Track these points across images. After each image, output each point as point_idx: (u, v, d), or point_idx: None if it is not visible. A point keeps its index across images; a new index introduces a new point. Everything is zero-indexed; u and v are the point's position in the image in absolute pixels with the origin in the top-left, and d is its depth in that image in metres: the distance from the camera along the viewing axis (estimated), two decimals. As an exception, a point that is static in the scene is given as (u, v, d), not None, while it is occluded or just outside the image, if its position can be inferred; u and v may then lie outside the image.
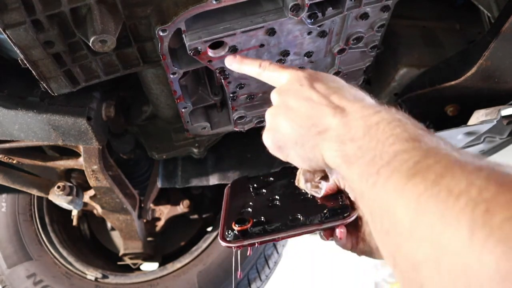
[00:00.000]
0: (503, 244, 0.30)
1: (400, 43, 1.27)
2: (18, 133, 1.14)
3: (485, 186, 0.34)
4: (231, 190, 0.87)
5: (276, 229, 0.69)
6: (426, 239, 0.37)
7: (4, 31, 0.78)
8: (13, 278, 1.74)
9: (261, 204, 0.77)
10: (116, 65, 1.01)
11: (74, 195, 1.43)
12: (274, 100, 0.67)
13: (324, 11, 0.91)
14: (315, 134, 0.59)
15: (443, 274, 0.34)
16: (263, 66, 0.74)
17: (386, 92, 1.35)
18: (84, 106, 1.12)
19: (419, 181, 0.40)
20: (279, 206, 0.76)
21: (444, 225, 0.35)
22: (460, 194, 0.35)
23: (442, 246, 0.35)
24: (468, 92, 1.12)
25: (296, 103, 0.62)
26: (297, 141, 0.62)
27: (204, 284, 1.78)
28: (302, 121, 0.61)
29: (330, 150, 0.56)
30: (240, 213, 0.75)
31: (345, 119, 0.55)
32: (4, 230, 1.84)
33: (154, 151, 1.46)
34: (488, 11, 1.09)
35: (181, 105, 1.14)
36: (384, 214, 0.44)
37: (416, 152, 0.44)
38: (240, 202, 0.80)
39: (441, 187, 0.37)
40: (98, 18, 0.82)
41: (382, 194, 0.44)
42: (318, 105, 0.60)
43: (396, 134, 0.48)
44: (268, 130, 0.67)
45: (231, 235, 0.70)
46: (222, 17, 0.88)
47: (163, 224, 2.04)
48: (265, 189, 0.82)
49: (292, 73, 0.68)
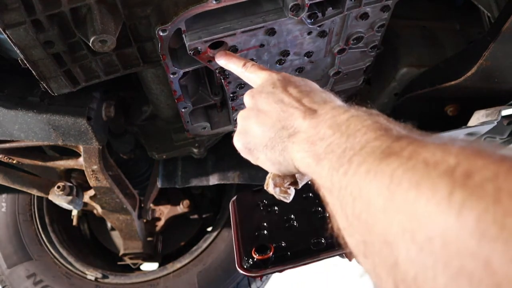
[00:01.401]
0: (484, 201, 0.29)
1: (400, 43, 1.27)
2: (18, 133, 1.14)
3: (463, 153, 0.33)
4: (238, 207, 0.81)
5: (299, 256, 0.65)
6: (401, 211, 0.35)
7: (4, 31, 0.78)
8: (13, 278, 1.74)
9: (277, 225, 0.73)
10: (116, 65, 1.01)
11: (74, 195, 1.43)
12: (247, 103, 0.67)
13: (324, 11, 0.91)
14: (285, 137, 0.58)
15: (420, 242, 0.32)
16: (245, 66, 0.75)
17: (386, 92, 1.35)
18: (84, 106, 1.12)
19: (392, 160, 0.38)
20: (296, 227, 0.72)
21: (420, 193, 0.33)
22: (437, 163, 0.34)
23: (418, 214, 0.33)
24: (468, 92, 1.12)
25: (267, 106, 0.62)
26: (267, 144, 0.61)
27: (204, 284, 1.78)
28: (272, 124, 0.60)
29: (300, 152, 0.55)
30: (256, 236, 0.71)
31: (315, 120, 0.55)
32: (4, 230, 1.84)
33: (154, 151, 1.46)
34: (488, 11, 1.09)
35: (181, 105, 1.14)
36: (356, 198, 0.41)
37: (389, 137, 0.43)
38: (252, 222, 0.75)
39: (416, 161, 0.35)
40: (98, 18, 0.82)
41: (354, 179, 0.42)
42: (288, 108, 0.59)
43: (367, 125, 0.47)
44: (239, 132, 0.67)
45: (250, 263, 0.65)
46: (222, 17, 0.88)
47: (163, 224, 2.04)
48: (276, 206, 0.77)
49: (266, 76, 0.68)
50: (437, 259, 0.31)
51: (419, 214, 0.33)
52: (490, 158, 0.31)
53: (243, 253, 0.67)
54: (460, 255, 0.29)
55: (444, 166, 0.33)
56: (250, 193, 0.85)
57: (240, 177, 1.61)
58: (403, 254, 0.34)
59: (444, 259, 0.30)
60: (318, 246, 0.66)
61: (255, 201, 0.80)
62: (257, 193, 0.83)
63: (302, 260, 0.65)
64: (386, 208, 0.37)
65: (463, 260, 0.29)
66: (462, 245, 0.29)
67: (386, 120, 0.49)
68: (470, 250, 0.28)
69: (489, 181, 0.29)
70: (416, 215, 0.33)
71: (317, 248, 0.65)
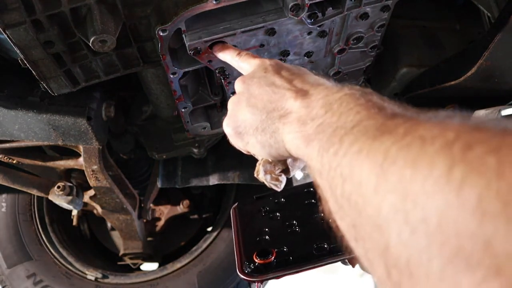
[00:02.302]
0: (486, 176, 0.26)
1: (400, 43, 1.27)
2: (18, 133, 1.14)
3: (462, 127, 0.30)
4: (239, 214, 0.80)
5: (301, 261, 0.64)
6: (394, 190, 0.32)
7: (4, 31, 0.78)
8: (13, 278, 1.74)
9: (279, 231, 0.72)
10: (116, 65, 1.01)
11: (74, 195, 1.43)
12: (238, 88, 0.66)
13: (324, 11, 0.91)
14: (276, 118, 0.57)
15: (413, 223, 0.29)
16: (239, 55, 0.75)
17: (386, 92, 1.35)
18: (84, 106, 1.12)
19: (386, 138, 0.35)
20: (299, 232, 0.71)
21: (416, 170, 0.30)
22: (434, 138, 0.31)
23: (414, 193, 0.30)
24: (468, 92, 1.12)
25: (258, 89, 0.61)
26: (257, 126, 0.60)
27: (204, 284, 1.78)
28: (263, 105, 0.59)
29: (291, 133, 0.53)
30: (257, 241, 0.70)
31: (307, 100, 0.53)
32: (4, 230, 1.84)
33: (154, 151, 1.46)
34: (488, 11, 1.09)
35: (181, 105, 1.14)
36: (346, 179, 0.39)
37: (383, 116, 0.41)
38: (254, 227, 0.74)
39: (412, 137, 0.33)
40: (98, 18, 0.82)
41: (345, 160, 0.39)
42: (280, 89, 0.58)
43: (360, 104, 0.45)
44: (229, 117, 0.66)
45: (251, 268, 0.64)
46: (222, 17, 0.88)
47: (163, 224, 2.04)
48: (278, 212, 0.76)
49: (258, 62, 0.67)
50: (432, 240, 0.28)
51: (414, 193, 0.30)
52: (491, 131, 0.29)
53: (244, 257, 0.66)
54: (458, 236, 0.27)
55: (442, 141, 0.30)
56: (252, 200, 0.84)
57: (240, 177, 1.61)
58: (395, 237, 0.31)
59: (440, 240, 0.28)
60: (321, 251, 0.65)
61: (256, 208, 0.79)
62: (259, 200, 0.83)
63: (305, 265, 0.64)
64: (377, 188, 0.34)
65: (461, 240, 0.26)
66: (461, 224, 0.27)
67: (380, 98, 0.46)
68: (469, 229, 0.26)
69: (491, 154, 0.27)
70: (411, 194, 0.30)
71: (319, 253, 0.64)
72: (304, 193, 0.78)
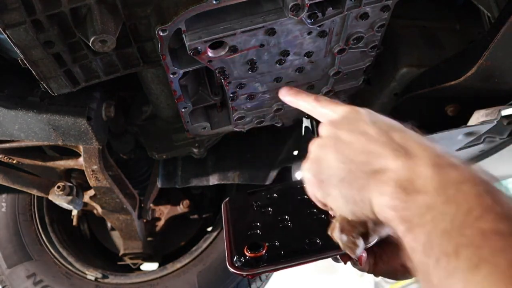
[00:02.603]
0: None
1: (400, 43, 1.27)
2: (18, 133, 1.14)
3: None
4: (230, 207, 0.78)
5: (293, 256, 0.62)
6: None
7: (4, 31, 0.78)
8: (13, 278, 1.74)
9: (271, 225, 0.70)
10: (116, 65, 1.01)
11: (74, 195, 1.43)
12: (324, 131, 0.59)
13: (324, 11, 0.91)
14: (368, 173, 0.49)
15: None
16: (317, 100, 0.66)
17: (386, 92, 1.35)
18: (84, 106, 1.12)
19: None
20: (291, 227, 0.69)
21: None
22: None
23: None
24: (468, 92, 1.12)
25: (349, 136, 0.54)
26: (344, 177, 0.52)
27: (204, 284, 1.78)
28: (354, 155, 0.52)
29: (384, 196, 0.46)
30: (248, 235, 0.68)
31: (410, 162, 0.45)
32: (4, 230, 1.84)
33: (154, 151, 1.46)
34: (488, 11, 1.09)
35: (181, 105, 1.14)
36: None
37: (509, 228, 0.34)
38: (245, 221, 0.72)
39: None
40: (98, 18, 0.82)
41: (460, 282, 0.33)
42: (375, 141, 0.51)
43: (485, 205, 0.36)
44: (311, 161, 0.59)
45: (242, 261, 0.63)
46: (222, 17, 0.88)
47: (163, 224, 2.04)
48: (271, 207, 0.75)
49: (348, 108, 0.60)
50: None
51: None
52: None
53: (234, 251, 0.65)
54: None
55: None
56: (244, 194, 0.82)
57: (240, 177, 1.61)
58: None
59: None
60: (313, 246, 0.63)
61: (249, 202, 0.78)
62: (251, 195, 0.81)
63: (296, 260, 0.62)
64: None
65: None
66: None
67: (506, 196, 0.39)
68: None
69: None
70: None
71: (311, 248, 0.63)
72: (298, 188, 0.77)
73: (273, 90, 1.15)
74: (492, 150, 1.38)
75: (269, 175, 1.58)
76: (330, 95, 1.25)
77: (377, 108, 1.44)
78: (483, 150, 1.36)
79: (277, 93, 0.78)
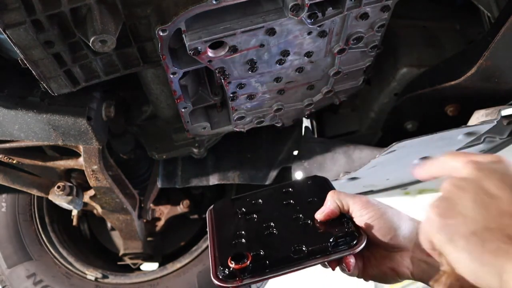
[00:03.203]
0: None
1: (400, 43, 1.28)
2: (18, 133, 1.14)
3: None
4: (215, 216, 0.77)
5: (278, 265, 0.61)
6: None
7: (4, 31, 0.78)
8: (13, 278, 1.74)
9: (256, 233, 0.69)
10: (116, 65, 1.01)
11: (74, 195, 1.43)
12: (467, 171, 0.52)
13: (324, 11, 0.91)
14: (508, 237, 0.43)
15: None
16: (456, 153, 0.56)
17: (386, 92, 1.35)
18: (84, 106, 1.12)
19: None
20: (276, 234, 0.68)
21: None
22: None
23: None
24: (468, 92, 1.12)
25: (497, 190, 0.47)
26: (477, 232, 0.46)
27: (204, 284, 1.77)
28: (498, 213, 0.45)
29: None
30: (233, 244, 0.67)
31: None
32: (4, 230, 1.84)
33: (154, 151, 1.46)
34: (488, 11, 1.09)
35: (181, 105, 1.14)
36: None
37: None
38: (229, 230, 0.71)
39: None
40: (98, 18, 0.82)
41: None
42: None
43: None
44: (442, 199, 0.52)
45: (226, 273, 0.61)
46: (222, 17, 0.88)
47: (163, 224, 2.04)
48: (256, 214, 0.73)
49: (499, 157, 0.54)
50: None
51: None
52: None
53: (218, 262, 0.64)
54: None
55: None
56: (229, 201, 0.80)
57: (240, 177, 1.61)
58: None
59: None
60: (299, 253, 0.62)
61: (233, 210, 0.76)
62: (236, 201, 0.80)
63: (282, 269, 0.61)
64: None
65: None
66: None
67: None
68: None
69: None
70: None
71: (298, 256, 0.62)
72: (282, 193, 0.76)
73: (273, 90, 1.15)
74: (492, 150, 1.38)
75: (269, 175, 1.58)
76: (330, 95, 1.25)
77: (377, 108, 1.44)
78: (483, 150, 1.36)
79: (277, 93, 0.77)
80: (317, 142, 1.51)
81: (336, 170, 1.43)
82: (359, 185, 1.57)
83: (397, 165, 1.33)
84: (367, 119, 1.51)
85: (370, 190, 1.71)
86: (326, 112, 1.67)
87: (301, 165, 1.48)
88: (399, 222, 0.67)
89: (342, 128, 1.64)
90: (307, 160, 1.47)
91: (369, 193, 1.74)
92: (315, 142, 1.51)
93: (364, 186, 1.64)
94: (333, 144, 1.47)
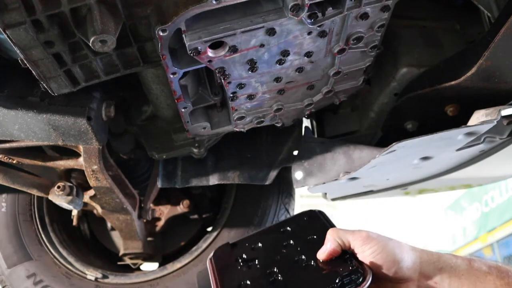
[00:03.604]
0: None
1: (400, 43, 1.27)
2: (18, 133, 1.14)
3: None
4: (216, 266, 0.77)
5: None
6: None
7: (4, 31, 0.78)
8: (13, 278, 1.74)
9: (260, 282, 0.68)
10: (116, 65, 1.01)
11: (74, 195, 1.43)
12: None
13: (324, 11, 0.91)
14: None
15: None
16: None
17: (386, 92, 1.35)
18: (84, 106, 1.12)
19: None
20: (281, 281, 0.67)
21: None
22: None
23: None
24: (468, 92, 1.12)
25: None
26: None
27: (204, 284, 1.77)
28: None
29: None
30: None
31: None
32: (4, 230, 1.84)
33: (154, 151, 1.46)
34: (488, 11, 1.09)
35: (181, 105, 1.14)
36: None
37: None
38: (233, 280, 0.70)
39: None
40: (98, 18, 0.82)
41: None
42: None
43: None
44: None
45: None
46: (222, 17, 0.88)
47: (163, 224, 2.04)
48: (257, 260, 0.72)
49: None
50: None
51: None
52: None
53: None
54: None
55: None
56: (228, 247, 0.79)
57: (240, 177, 1.61)
58: None
59: None
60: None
61: (233, 257, 0.76)
62: (234, 247, 0.79)
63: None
64: None
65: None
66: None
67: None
68: None
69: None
70: None
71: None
72: (280, 233, 0.75)
73: (273, 90, 1.15)
74: (492, 150, 1.38)
75: (269, 175, 1.58)
76: (330, 95, 1.25)
77: (377, 108, 1.44)
78: (483, 150, 1.36)
79: (277, 93, 0.77)
80: (317, 142, 1.51)
81: (336, 170, 1.43)
82: (359, 185, 1.57)
83: (397, 165, 1.34)
84: (367, 119, 1.51)
85: (370, 190, 1.71)
86: (326, 112, 1.67)
87: (301, 165, 1.48)
88: (402, 254, 0.67)
89: (342, 128, 1.64)
90: (307, 160, 1.47)
91: (369, 193, 1.74)
92: (315, 142, 1.51)
93: (364, 186, 1.64)
94: (333, 144, 1.47)
